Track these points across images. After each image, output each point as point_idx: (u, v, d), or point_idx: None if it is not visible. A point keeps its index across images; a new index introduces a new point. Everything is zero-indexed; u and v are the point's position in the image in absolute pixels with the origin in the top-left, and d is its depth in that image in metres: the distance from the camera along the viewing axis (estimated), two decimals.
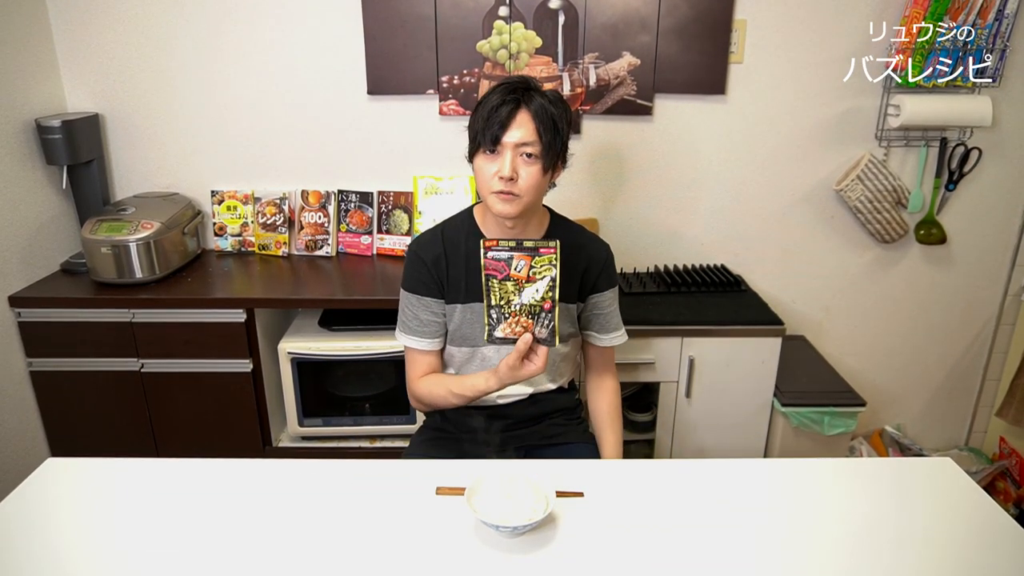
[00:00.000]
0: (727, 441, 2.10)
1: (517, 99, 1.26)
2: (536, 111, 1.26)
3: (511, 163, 1.26)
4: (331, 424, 2.08)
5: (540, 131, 1.26)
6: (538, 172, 1.28)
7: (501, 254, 1.19)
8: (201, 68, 2.17)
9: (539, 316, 1.21)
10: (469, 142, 1.33)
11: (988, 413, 2.51)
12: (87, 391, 1.98)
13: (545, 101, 1.28)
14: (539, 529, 1.07)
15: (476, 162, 1.31)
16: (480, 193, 1.34)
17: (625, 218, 2.32)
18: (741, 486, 1.21)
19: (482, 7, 2.08)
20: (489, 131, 1.25)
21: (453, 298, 1.41)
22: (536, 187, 1.29)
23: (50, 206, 2.11)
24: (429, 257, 1.40)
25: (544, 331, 1.22)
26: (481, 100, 1.30)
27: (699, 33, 2.10)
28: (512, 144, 1.25)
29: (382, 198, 2.27)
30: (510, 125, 1.25)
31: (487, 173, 1.29)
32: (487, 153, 1.28)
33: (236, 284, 2.08)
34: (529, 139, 1.26)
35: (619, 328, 1.51)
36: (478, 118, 1.28)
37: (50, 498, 1.14)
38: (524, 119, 1.26)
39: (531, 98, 1.27)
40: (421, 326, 1.43)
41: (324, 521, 1.10)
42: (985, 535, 1.10)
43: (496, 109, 1.25)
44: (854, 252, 2.36)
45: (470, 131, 1.32)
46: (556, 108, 1.29)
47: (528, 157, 1.27)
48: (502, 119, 1.24)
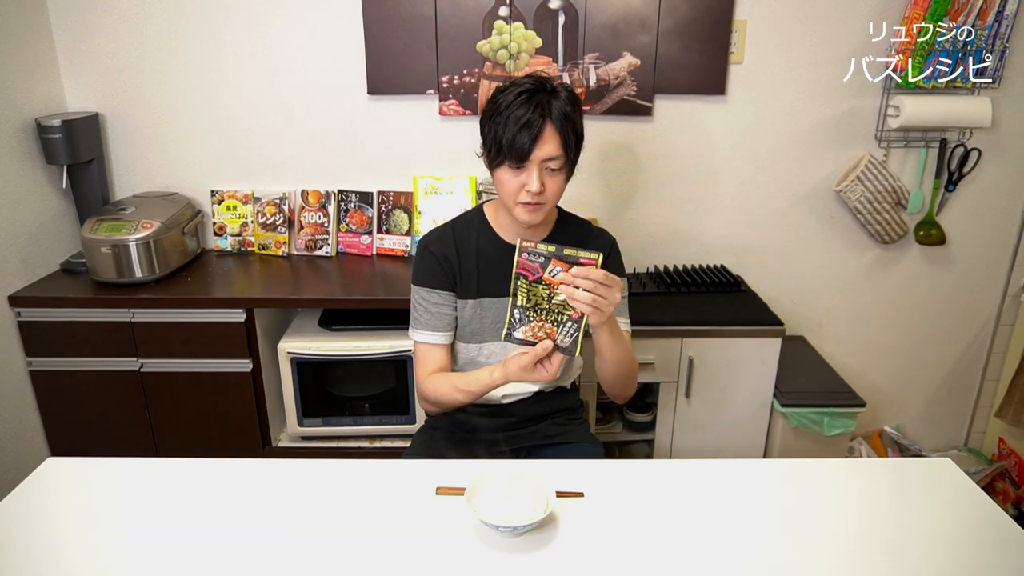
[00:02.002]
0: (727, 441, 2.10)
1: (541, 112, 1.25)
2: (558, 122, 1.26)
3: (539, 177, 1.27)
4: (331, 424, 2.08)
5: (564, 145, 1.27)
6: (562, 181, 1.32)
7: (537, 257, 1.17)
8: (201, 68, 2.17)
9: (565, 324, 1.21)
10: (487, 148, 1.32)
11: (987, 413, 2.51)
12: (87, 391, 1.98)
13: (563, 103, 1.27)
14: (539, 529, 1.07)
15: (499, 174, 1.32)
16: (503, 201, 1.35)
17: (625, 218, 2.32)
18: (741, 486, 1.21)
19: (482, 7, 2.09)
20: (515, 149, 1.25)
21: (463, 293, 1.42)
22: (559, 192, 1.33)
23: (50, 206, 2.11)
24: (440, 251, 1.41)
25: (567, 340, 1.22)
26: (498, 104, 1.28)
27: (699, 33, 2.10)
28: (538, 160, 1.27)
29: (382, 198, 2.27)
30: (537, 143, 1.25)
31: (512, 186, 1.30)
32: (511, 167, 1.29)
33: (236, 284, 2.08)
34: (555, 154, 1.27)
35: (624, 317, 1.48)
36: (501, 129, 1.26)
37: (50, 497, 1.14)
38: (550, 134, 1.26)
39: (552, 108, 1.26)
40: (433, 319, 1.42)
41: (324, 521, 1.10)
42: (984, 535, 1.10)
43: (522, 126, 1.24)
44: (854, 253, 2.36)
45: (489, 138, 1.30)
46: (572, 107, 1.29)
47: (553, 171, 1.29)
48: (530, 137, 1.24)
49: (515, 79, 1.32)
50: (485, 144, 1.33)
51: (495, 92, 1.32)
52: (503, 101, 1.28)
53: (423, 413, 1.64)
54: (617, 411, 2.28)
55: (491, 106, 1.30)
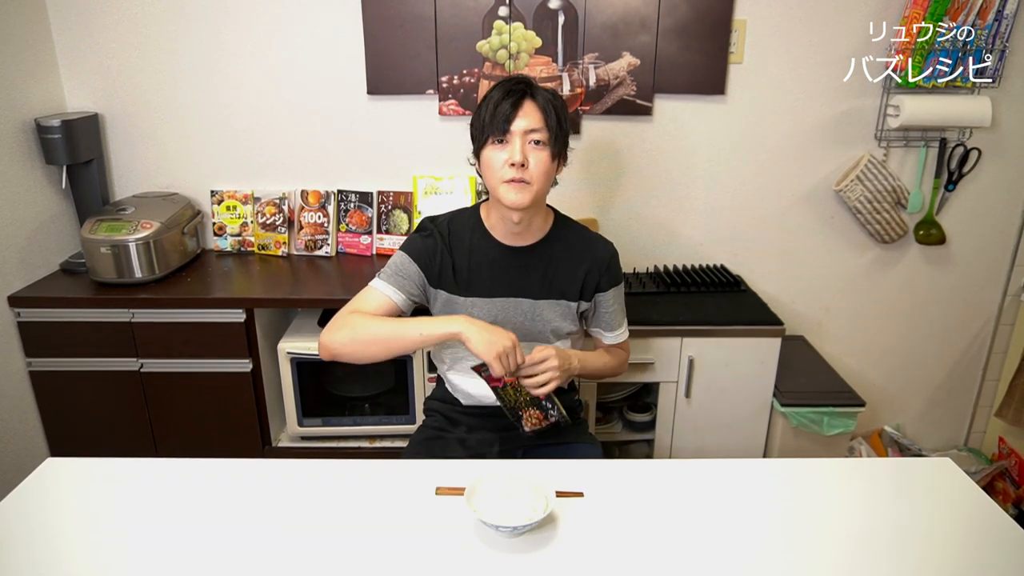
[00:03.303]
0: (727, 441, 2.10)
1: (523, 90, 1.30)
2: (541, 101, 1.31)
3: (521, 149, 1.29)
4: (331, 424, 2.08)
5: (547, 118, 1.30)
6: (547, 159, 1.31)
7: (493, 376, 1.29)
8: (201, 68, 2.17)
9: (541, 405, 1.35)
10: (474, 140, 1.35)
11: (987, 413, 2.51)
12: (86, 391, 1.98)
13: (546, 92, 1.33)
14: (539, 529, 1.07)
15: (484, 155, 1.33)
16: (490, 186, 1.34)
17: (624, 218, 2.32)
18: (741, 486, 1.21)
19: (482, 7, 2.09)
20: (497, 120, 1.28)
21: (455, 289, 1.41)
22: (546, 174, 1.32)
23: (49, 206, 2.11)
24: (436, 234, 1.41)
25: (554, 415, 1.36)
26: (484, 98, 1.33)
27: (699, 33, 2.10)
28: (521, 131, 1.29)
29: (382, 198, 2.27)
30: (518, 113, 1.29)
31: (497, 163, 1.30)
32: (495, 143, 1.30)
33: (236, 284, 2.08)
34: (537, 125, 1.29)
35: (621, 326, 1.53)
36: (483, 112, 1.31)
37: (49, 498, 1.14)
38: (531, 108, 1.30)
39: (535, 90, 1.32)
40: (400, 280, 1.39)
41: (324, 521, 1.10)
42: (984, 535, 1.10)
43: (502, 100, 1.29)
44: (854, 252, 2.37)
45: (475, 127, 1.35)
46: (557, 101, 1.34)
47: (537, 144, 1.30)
48: (510, 107, 1.28)
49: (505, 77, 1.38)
50: (472, 135, 1.36)
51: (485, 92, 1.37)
52: (488, 93, 1.34)
53: (423, 413, 1.64)
54: (616, 411, 2.28)
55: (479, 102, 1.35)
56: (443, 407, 1.56)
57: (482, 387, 1.38)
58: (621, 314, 1.51)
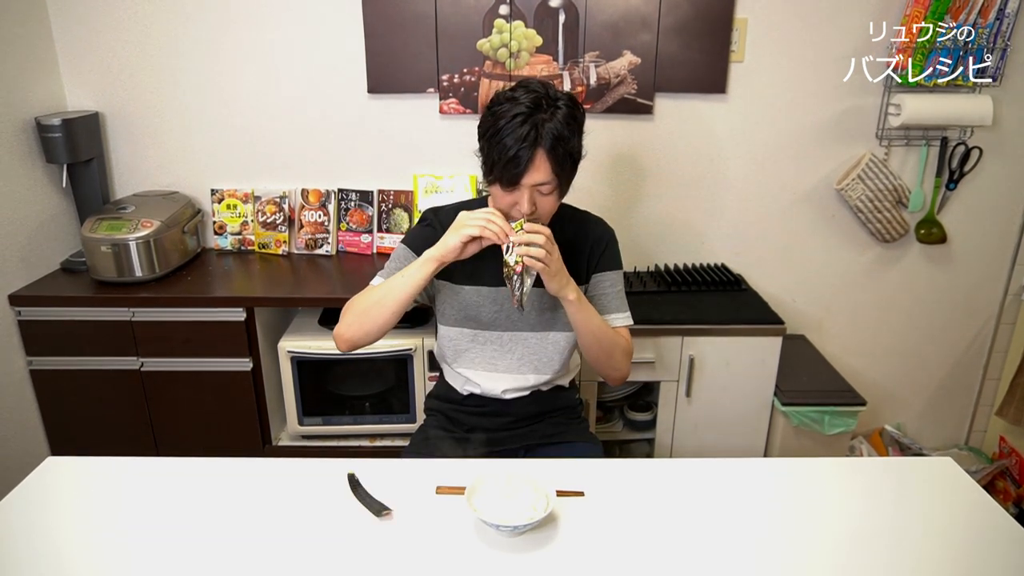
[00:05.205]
0: (727, 440, 2.10)
1: (535, 139, 1.23)
2: (551, 148, 1.24)
3: (529, 200, 1.28)
4: (331, 423, 2.08)
5: (556, 169, 1.26)
6: (554, 200, 1.33)
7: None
8: (201, 66, 2.17)
9: (511, 280, 1.28)
10: (482, 163, 1.32)
11: (988, 412, 2.51)
12: (87, 390, 1.98)
13: (558, 124, 1.24)
14: (539, 529, 1.07)
15: (493, 189, 1.33)
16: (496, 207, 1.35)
17: (625, 217, 2.32)
18: (741, 486, 1.21)
19: (482, 6, 2.08)
20: (506, 175, 1.26)
21: (459, 279, 1.42)
22: (553, 210, 1.35)
23: (50, 205, 2.11)
24: (437, 224, 1.41)
25: (517, 295, 1.29)
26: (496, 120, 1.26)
27: (700, 32, 2.09)
28: (528, 185, 1.27)
29: (382, 197, 2.27)
30: (527, 171, 1.25)
31: (504, 203, 1.31)
32: (503, 188, 1.29)
33: (236, 283, 2.08)
34: (547, 179, 1.27)
35: (622, 311, 1.47)
36: (495, 154, 1.26)
37: (50, 497, 1.14)
38: (540, 162, 1.24)
39: (545, 133, 1.23)
40: None
41: (324, 520, 1.10)
42: (985, 534, 1.10)
43: (513, 156, 1.23)
44: (855, 251, 2.36)
45: (484, 154, 1.31)
46: (569, 127, 1.26)
47: (544, 194, 1.30)
48: (519, 167, 1.24)
49: (515, 90, 1.28)
50: (481, 158, 1.33)
51: (493, 101, 1.30)
52: (499, 119, 1.25)
53: (423, 412, 1.64)
54: (617, 410, 2.28)
55: (489, 118, 1.28)
56: (444, 406, 1.56)
57: (490, 380, 1.45)
58: (619, 300, 1.47)
